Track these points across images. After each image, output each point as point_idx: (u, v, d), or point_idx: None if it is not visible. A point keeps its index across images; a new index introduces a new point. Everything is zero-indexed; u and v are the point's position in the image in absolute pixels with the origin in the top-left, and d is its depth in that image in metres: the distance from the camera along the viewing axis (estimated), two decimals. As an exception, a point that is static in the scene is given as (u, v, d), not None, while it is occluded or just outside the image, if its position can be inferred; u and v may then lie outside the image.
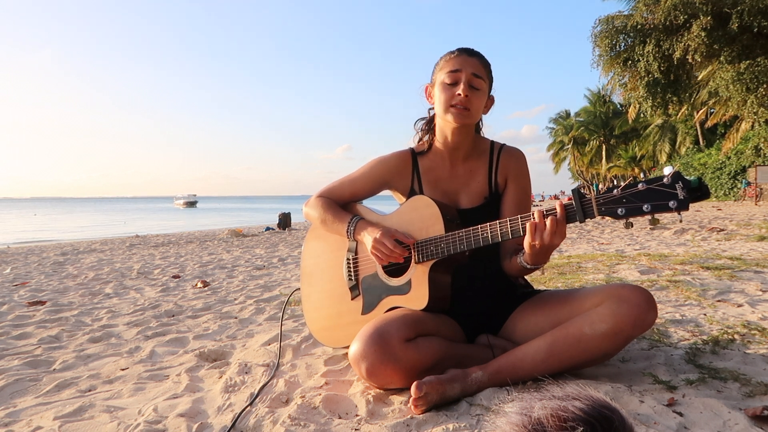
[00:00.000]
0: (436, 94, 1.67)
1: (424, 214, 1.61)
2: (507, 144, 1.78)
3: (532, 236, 1.38)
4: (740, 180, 22.46)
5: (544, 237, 1.37)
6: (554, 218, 1.35)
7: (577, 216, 1.30)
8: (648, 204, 1.20)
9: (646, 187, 1.21)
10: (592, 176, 52.99)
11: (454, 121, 1.64)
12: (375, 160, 1.83)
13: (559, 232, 1.37)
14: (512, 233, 1.42)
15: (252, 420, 1.38)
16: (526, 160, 1.79)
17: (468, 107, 1.62)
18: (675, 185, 1.17)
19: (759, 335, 1.92)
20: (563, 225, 1.36)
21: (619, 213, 1.24)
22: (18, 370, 2.02)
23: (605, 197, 1.26)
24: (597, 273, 3.56)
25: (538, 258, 1.46)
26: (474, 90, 1.62)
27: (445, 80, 1.63)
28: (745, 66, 12.27)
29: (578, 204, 1.30)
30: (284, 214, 15.33)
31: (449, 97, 1.62)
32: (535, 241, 1.38)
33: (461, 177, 1.76)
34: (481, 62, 1.65)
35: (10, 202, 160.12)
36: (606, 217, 1.28)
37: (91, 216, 40.55)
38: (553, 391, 0.61)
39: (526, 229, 1.39)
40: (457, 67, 1.62)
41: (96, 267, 6.13)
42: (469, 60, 1.63)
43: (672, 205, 1.17)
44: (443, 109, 1.64)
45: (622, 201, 1.24)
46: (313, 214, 1.82)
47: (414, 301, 1.59)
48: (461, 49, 1.66)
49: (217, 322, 2.77)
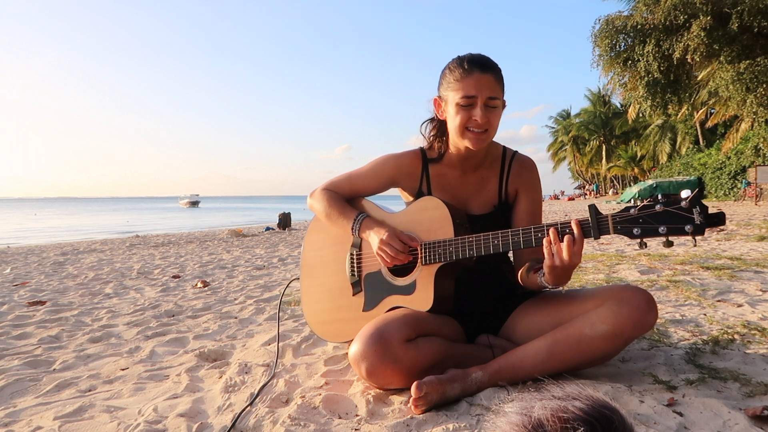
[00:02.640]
0: (450, 114, 1.59)
1: (433, 215, 1.60)
2: (519, 152, 1.76)
3: (551, 258, 1.35)
4: (740, 180, 22.46)
5: (564, 258, 1.33)
6: (571, 238, 1.32)
7: (593, 233, 1.30)
8: (664, 226, 1.20)
9: (664, 209, 1.21)
10: (592, 176, 53.00)
11: (471, 146, 1.58)
12: (385, 157, 1.79)
13: (578, 251, 1.33)
14: (524, 243, 1.41)
15: (252, 420, 1.38)
16: (537, 170, 1.76)
17: (487, 128, 1.56)
18: (692, 209, 1.18)
19: (759, 335, 1.92)
20: (581, 245, 1.33)
21: (634, 233, 1.24)
22: (18, 370, 2.02)
23: (621, 216, 1.26)
24: (597, 273, 3.57)
25: (559, 279, 1.42)
26: (491, 109, 1.55)
27: (459, 102, 1.54)
28: (745, 66, 12.27)
29: (594, 221, 1.30)
30: (284, 214, 15.33)
31: (465, 120, 1.55)
32: (555, 263, 1.35)
33: (472, 184, 1.73)
34: (495, 78, 1.55)
35: (10, 202, 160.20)
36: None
37: (100, 216, 40.66)
38: (553, 392, 0.61)
39: (544, 252, 1.36)
40: (473, 92, 1.52)
41: (96, 267, 6.13)
42: (483, 80, 1.52)
43: (688, 229, 1.18)
44: (458, 133, 1.58)
45: (638, 221, 1.24)
46: (317, 206, 1.79)
47: (418, 302, 1.59)
48: (473, 63, 1.54)
49: (217, 322, 2.77)
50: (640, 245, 1.26)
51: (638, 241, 1.26)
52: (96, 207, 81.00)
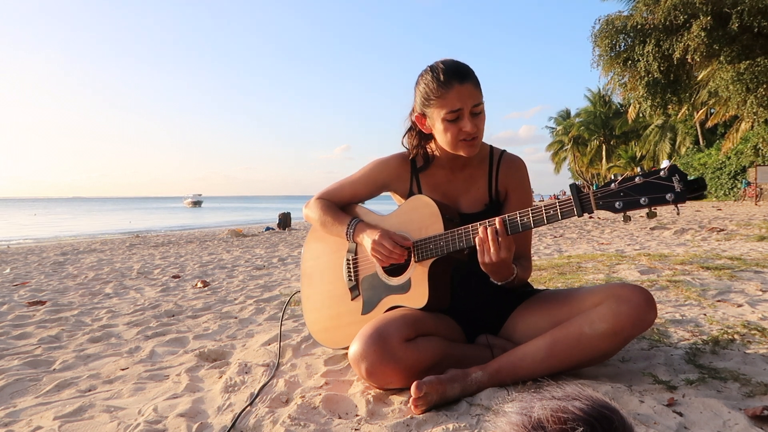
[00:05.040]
0: (438, 129, 1.59)
1: (423, 213, 1.61)
2: (507, 151, 1.77)
3: (480, 255, 1.44)
4: (740, 180, 22.47)
5: (492, 255, 1.41)
6: (494, 230, 1.41)
7: (576, 211, 1.30)
8: (645, 197, 1.21)
9: (643, 181, 1.21)
10: (592, 176, 53.00)
11: (466, 154, 1.60)
12: (374, 162, 1.82)
13: (504, 246, 1.41)
14: (511, 229, 1.44)
15: (252, 420, 1.39)
16: (526, 168, 1.78)
17: (477, 136, 1.58)
18: (672, 178, 1.18)
19: (759, 335, 1.92)
20: (505, 238, 1.41)
21: (617, 207, 1.24)
22: (18, 370, 2.02)
23: (603, 191, 1.27)
24: (597, 273, 3.57)
25: (495, 275, 1.51)
26: (477, 116, 1.57)
27: (446, 117, 1.54)
28: (745, 66, 12.28)
29: (576, 199, 1.30)
30: (284, 214, 15.33)
31: (456, 133, 1.56)
32: (485, 259, 1.43)
33: (461, 183, 1.75)
34: (474, 84, 1.55)
35: (10, 202, 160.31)
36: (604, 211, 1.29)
37: (106, 216, 40.68)
38: (553, 391, 0.61)
39: (477, 250, 1.44)
40: (458, 105, 1.52)
41: (96, 267, 6.13)
42: (464, 90, 1.52)
43: (669, 197, 1.18)
44: (452, 147, 1.60)
45: (619, 195, 1.24)
46: (312, 216, 1.82)
47: (414, 299, 1.59)
48: (449, 75, 1.53)
49: (217, 322, 2.77)
50: (624, 219, 1.28)
51: (622, 215, 1.27)
52: (98, 207, 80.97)
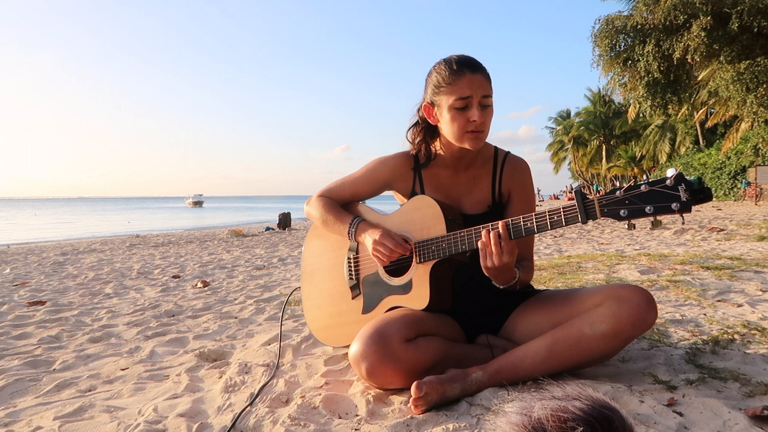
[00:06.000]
0: (445, 120, 1.58)
1: (426, 213, 1.61)
2: (511, 152, 1.76)
3: (483, 259, 1.43)
4: (740, 180, 22.46)
5: (494, 259, 1.41)
6: (497, 234, 1.41)
7: (580, 217, 1.30)
8: (650, 206, 1.20)
9: (649, 189, 1.20)
10: (592, 176, 52.98)
11: (471, 147, 1.59)
12: (376, 161, 1.81)
13: (506, 251, 1.40)
14: (514, 234, 1.43)
15: (252, 420, 1.38)
16: (530, 171, 1.77)
17: (483, 130, 1.57)
18: (678, 187, 1.17)
19: (759, 335, 1.92)
20: (508, 243, 1.41)
21: (621, 214, 1.24)
22: (18, 370, 2.02)
23: (608, 198, 1.26)
24: (597, 273, 3.56)
25: (497, 278, 1.50)
26: (485, 108, 1.56)
27: (455, 104, 1.54)
28: (745, 66, 12.27)
29: (581, 205, 1.30)
30: (284, 214, 15.33)
31: (463, 124, 1.55)
32: (487, 264, 1.43)
33: (464, 183, 1.74)
34: (485, 77, 1.56)
35: (10, 202, 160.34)
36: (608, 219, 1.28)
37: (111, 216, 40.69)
38: (553, 391, 0.61)
39: (479, 253, 1.44)
40: (467, 92, 1.52)
41: (96, 267, 6.13)
42: (475, 80, 1.53)
43: (674, 207, 1.17)
44: (457, 137, 1.58)
45: (624, 202, 1.24)
46: (314, 213, 1.82)
47: (415, 300, 1.59)
48: (462, 64, 1.54)
49: (217, 322, 2.77)
50: (629, 227, 1.27)
51: (626, 222, 1.26)
52: (100, 207, 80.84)
